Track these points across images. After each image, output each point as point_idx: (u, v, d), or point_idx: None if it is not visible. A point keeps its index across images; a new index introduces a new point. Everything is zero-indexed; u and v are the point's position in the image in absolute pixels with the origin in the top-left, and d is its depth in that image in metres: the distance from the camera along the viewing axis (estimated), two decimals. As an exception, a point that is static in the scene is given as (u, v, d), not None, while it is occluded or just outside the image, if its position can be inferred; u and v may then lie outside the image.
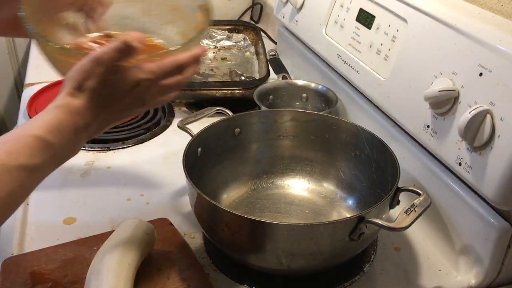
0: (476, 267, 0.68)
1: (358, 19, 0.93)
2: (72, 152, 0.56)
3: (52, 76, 1.20)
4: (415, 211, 0.60)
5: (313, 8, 1.10)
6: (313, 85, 1.06)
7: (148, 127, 1.04)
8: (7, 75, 1.60)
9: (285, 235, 0.59)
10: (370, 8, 0.90)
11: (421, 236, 0.77)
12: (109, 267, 0.60)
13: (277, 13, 1.28)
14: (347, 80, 0.98)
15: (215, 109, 0.83)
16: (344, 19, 0.98)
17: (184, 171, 0.67)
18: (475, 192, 0.68)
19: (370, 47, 0.88)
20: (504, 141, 0.60)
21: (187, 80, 0.59)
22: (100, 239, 0.71)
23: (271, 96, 1.06)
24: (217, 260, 0.71)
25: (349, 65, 0.94)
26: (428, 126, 0.72)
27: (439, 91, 0.67)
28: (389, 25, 0.84)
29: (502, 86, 0.60)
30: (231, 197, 0.81)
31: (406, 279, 0.70)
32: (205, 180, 0.78)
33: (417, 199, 0.62)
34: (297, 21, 1.17)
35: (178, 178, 0.88)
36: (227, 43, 1.43)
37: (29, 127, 0.52)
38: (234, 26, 1.46)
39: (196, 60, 0.60)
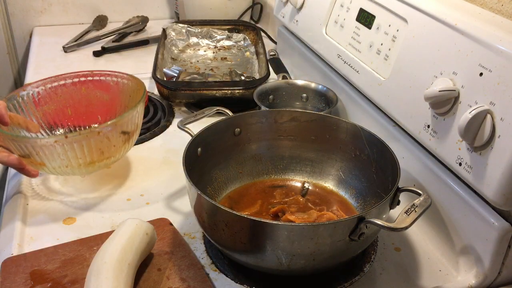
0: (476, 267, 0.68)
1: (358, 19, 0.93)
2: None
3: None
4: (415, 211, 0.60)
5: (313, 8, 1.10)
6: (313, 85, 1.06)
7: (148, 127, 1.04)
8: (7, 75, 1.60)
9: (285, 235, 0.59)
10: (370, 8, 0.90)
11: (421, 236, 0.77)
12: (109, 267, 0.60)
13: (277, 13, 1.28)
14: (347, 80, 0.98)
15: (215, 109, 0.83)
16: (344, 19, 0.98)
17: (184, 171, 0.67)
18: (475, 192, 0.68)
19: (370, 47, 0.88)
20: (504, 141, 0.60)
21: None
22: (100, 239, 0.71)
23: (271, 96, 1.06)
24: (217, 260, 0.71)
25: (349, 65, 0.94)
26: (428, 126, 0.72)
27: (439, 91, 0.67)
28: (389, 25, 0.84)
29: (502, 86, 0.60)
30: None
31: (406, 279, 0.70)
32: (205, 180, 0.78)
33: (418, 199, 0.62)
34: (297, 21, 1.17)
35: (178, 178, 0.88)
36: (227, 43, 1.43)
37: None
38: (234, 26, 1.46)
39: None
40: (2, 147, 0.80)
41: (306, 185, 0.84)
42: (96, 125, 0.94)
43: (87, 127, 0.94)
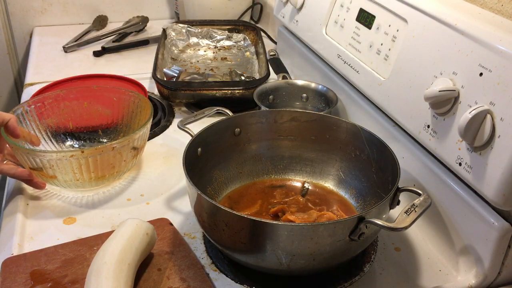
0: (476, 267, 0.68)
1: (358, 19, 0.93)
2: None
3: (52, 76, 1.21)
4: (415, 211, 0.60)
5: (313, 8, 1.10)
6: (313, 85, 1.06)
7: (148, 127, 1.03)
8: (7, 75, 1.60)
9: (285, 235, 0.59)
10: (370, 8, 0.90)
11: (421, 236, 0.77)
12: (109, 267, 0.60)
13: (277, 13, 1.28)
14: (347, 80, 0.98)
15: (215, 109, 0.83)
16: (344, 19, 0.98)
17: (184, 171, 0.67)
18: (475, 192, 0.68)
19: (370, 47, 0.88)
20: (504, 141, 0.60)
21: None
22: (100, 239, 0.71)
23: (271, 96, 1.06)
24: (217, 260, 0.71)
25: (349, 65, 0.94)
26: (428, 126, 0.72)
27: (439, 91, 0.67)
28: (389, 25, 0.84)
29: (502, 86, 0.60)
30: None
31: (406, 279, 0.70)
32: (205, 180, 0.78)
33: (417, 199, 0.62)
34: (297, 21, 1.17)
35: (178, 178, 0.88)
36: (227, 43, 1.43)
37: None
38: (234, 26, 1.46)
39: None
40: (9, 160, 0.81)
41: (306, 185, 0.84)
42: (105, 140, 0.97)
43: (87, 140, 0.96)
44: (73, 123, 0.95)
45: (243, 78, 1.18)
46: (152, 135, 1.01)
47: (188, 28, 1.43)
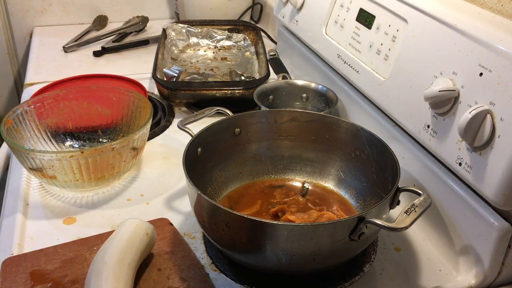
0: (476, 267, 0.68)
1: (358, 19, 0.93)
2: None
3: (52, 76, 1.21)
4: (415, 211, 0.60)
5: (313, 8, 1.10)
6: (313, 85, 1.06)
7: (148, 127, 1.03)
8: (7, 75, 1.60)
9: (285, 235, 0.59)
10: (370, 8, 0.90)
11: (421, 236, 0.77)
12: (109, 267, 0.60)
13: (277, 13, 1.28)
14: (347, 80, 0.98)
15: (215, 109, 0.83)
16: (344, 19, 0.98)
17: (184, 171, 0.67)
18: (475, 192, 0.68)
19: (370, 47, 0.88)
20: (504, 141, 0.60)
21: None
22: (100, 239, 0.71)
23: (271, 96, 1.06)
24: (217, 260, 0.71)
25: (349, 65, 0.94)
26: (428, 126, 0.72)
27: (439, 91, 0.67)
28: (389, 25, 0.84)
29: (502, 86, 0.60)
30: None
31: (406, 279, 0.70)
32: (205, 180, 0.78)
33: (417, 199, 0.62)
34: (297, 21, 1.17)
35: (178, 178, 0.88)
36: (227, 43, 1.43)
37: None
38: (234, 26, 1.46)
39: None
40: None
41: (306, 185, 0.84)
42: (104, 140, 0.97)
43: (87, 140, 0.96)
44: (72, 123, 0.95)
45: (243, 78, 1.18)
46: (152, 135, 1.01)
47: (188, 28, 1.43)
